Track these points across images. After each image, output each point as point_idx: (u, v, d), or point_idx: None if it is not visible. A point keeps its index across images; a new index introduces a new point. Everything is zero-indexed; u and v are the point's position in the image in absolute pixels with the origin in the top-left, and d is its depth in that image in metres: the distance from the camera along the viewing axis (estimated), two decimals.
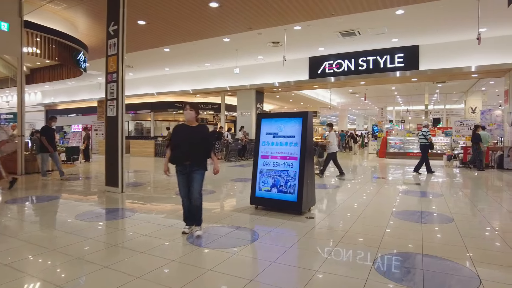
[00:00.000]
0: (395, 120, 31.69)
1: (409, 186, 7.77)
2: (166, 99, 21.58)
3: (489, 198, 6.50)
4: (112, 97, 6.67)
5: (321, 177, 9.01)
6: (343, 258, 3.24)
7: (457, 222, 4.44)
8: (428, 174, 10.05)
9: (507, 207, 5.44)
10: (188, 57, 15.98)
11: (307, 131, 4.66)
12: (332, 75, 14.93)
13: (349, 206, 5.50)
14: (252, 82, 17.01)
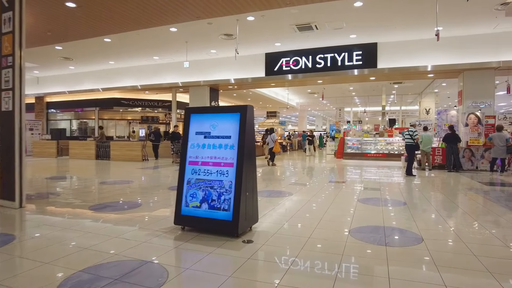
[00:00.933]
0: (353, 121, 31.92)
1: (368, 191, 7.05)
2: (112, 95, 19.72)
3: (456, 204, 5.91)
4: (7, 86, 5.24)
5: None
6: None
7: (427, 243, 3.65)
8: (407, 177, 9.52)
9: (475, 215, 4.83)
10: (133, 50, 14.47)
11: (246, 130, 3.65)
12: (289, 73, 14.16)
13: (299, 222, 4.55)
14: (206, 78, 15.83)
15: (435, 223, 4.59)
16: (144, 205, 5.58)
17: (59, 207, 5.43)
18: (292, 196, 6.39)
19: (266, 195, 6.40)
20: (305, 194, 6.74)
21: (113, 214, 4.86)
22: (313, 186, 7.86)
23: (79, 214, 4.92)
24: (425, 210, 5.41)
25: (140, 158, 15.03)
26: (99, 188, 7.43)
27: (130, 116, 21.24)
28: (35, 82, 21.23)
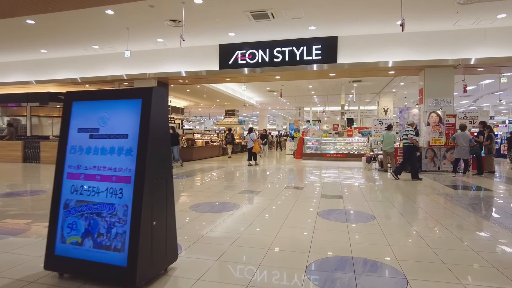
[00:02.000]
0: (312, 121, 31.54)
1: (329, 201, 6.04)
2: (47, 89, 17.40)
3: (429, 215, 5.04)
4: None
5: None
6: None
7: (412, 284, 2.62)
8: (392, 178, 8.82)
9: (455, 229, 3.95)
10: (66, 36, 12.55)
11: (150, 125, 2.38)
12: (246, 66, 13.00)
13: (237, 256, 3.31)
14: (153, 70, 14.23)
15: (413, 247, 3.61)
16: (26, 231, 4.08)
17: None
18: (238, 210, 5.19)
19: (205, 210, 5.17)
20: (255, 206, 5.59)
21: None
22: (267, 194, 6.73)
23: None
24: (399, 225, 4.46)
25: None
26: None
27: None
28: None
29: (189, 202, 5.78)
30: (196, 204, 5.59)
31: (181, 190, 7.26)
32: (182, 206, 5.40)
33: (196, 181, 8.79)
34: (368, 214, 5.00)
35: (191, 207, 5.34)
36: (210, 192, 6.84)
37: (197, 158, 15.58)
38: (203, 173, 10.77)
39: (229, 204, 5.59)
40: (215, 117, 37.68)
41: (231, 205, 5.50)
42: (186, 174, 10.29)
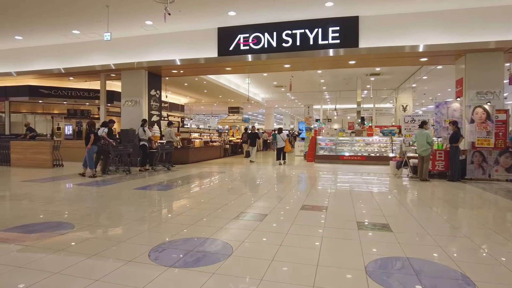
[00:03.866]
0: (322, 119, 29.41)
1: (375, 236, 4.00)
2: (27, 82, 15.56)
3: None
4: None
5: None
6: None
7: None
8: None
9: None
10: (39, 18, 10.65)
11: None
12: (249, 53, 10.97)
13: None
14: (141, 58, 12.25)
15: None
16: None
17: None
18: (229, 260, 3.15)
19: (171, 261, 3.12)
20: (256, 250, 3.53)
21: None
22: (275, 221, 4.68)
23: None
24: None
25: (49, 164, 11.22)
26: None
27: (56, 109, 17.12)
28: None
29: (152, 239, 3.80)
30: (161, 244, 3.58)
31: (151, 212, 5.25)
32: (138, 249, 3.39)
33: (178, 196, 6.78)
34: (452, 271, 2.93)
35: (152, 251, 3.33)
36: (192, 216, 4.83)
37: (194, 160, 13.60)
38: (192, 182, 8.76)
39: (215, 245, 3.55)
40: (219, 116, 35.70)
41: (218, 248, 3.45)
42: (171, 183, 8.30)
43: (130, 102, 12.85)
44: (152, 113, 13.21)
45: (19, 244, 3.54)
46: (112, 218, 4.85)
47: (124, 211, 5.23)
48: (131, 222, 4.47)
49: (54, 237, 3.77)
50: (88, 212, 5.06)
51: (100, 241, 3.68)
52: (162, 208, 5.48)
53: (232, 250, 3.38)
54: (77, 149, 13.48)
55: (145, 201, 6.08)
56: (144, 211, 5.17)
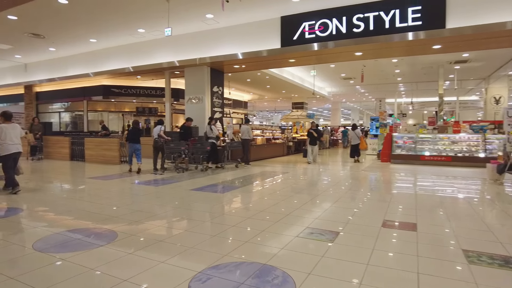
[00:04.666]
0: (397, 114, 26.91)
1: (496, 273, 2.89)
2: (101, 82, 16.47)
3: None
4: None
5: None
6: None
7: None
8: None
9: None
10: (106, 18, 10.94)
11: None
12: (315, 41, 9.97)
13: None
14: (203, 54, 11.98)
15: None
16: None
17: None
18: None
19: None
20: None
21: None
22: (350, 244, 3.73)
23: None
24: None
25: (117, 160, 11.54)
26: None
27: (127, 108, 17.95)
28: (23, 69, 18.51)
29: (194, 261, 3.15)
30: (205, 269, 2.91)
31: (201, 221, 4.66)
32: (175, 276, 2.77)
33: (235, 201, 6.16)
34: None
35: (193, 281, 2.68)
36: (247, 230, 4.13)
37: (256, 158, 13.02)
38: (252, 184, 8.11)
39: (272, 276, 2.78)
40: (282, 112, 34.93)
41: (277, 281, 2.68)
42: (229, 184, 7.74)
43: (194, 99, 12.70)
44: (215, 110, 12.93)
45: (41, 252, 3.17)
46: (153, 227, 4.37)
47: (171, 218, 4.75)
48: (175, 236, 3.92)
49: (80, 252, 3.35)
50: (131, 219, 4.66)
51: (134, 258, 3.15)
52: (214, 217, 4.88)
53: (295, 286, 2.57)
54: (143, 145, 13.83)
55: (198, 206, 5.56)
56: (193, 220, 4.62)
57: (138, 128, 10.33)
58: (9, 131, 6.41)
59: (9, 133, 6.39)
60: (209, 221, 4.54)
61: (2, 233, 4.00)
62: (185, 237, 3.80)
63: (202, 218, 4.77)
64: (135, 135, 9.75)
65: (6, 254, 3.28)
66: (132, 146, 9.69)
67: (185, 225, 4.36)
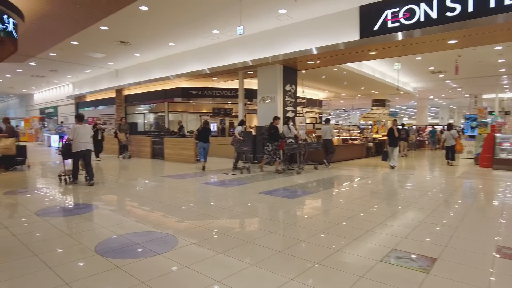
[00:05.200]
0: (498, 112, 23.27)
1: None
2: (180, 84, 17.25)
3: None
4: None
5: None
6: None
7: None
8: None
9: None
10: (182, 21, 11.27)
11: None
12: (399, 30, 8.86)
13: None
14: (276, 51, 11.61)
15: None
16: None
17: None
18: None
19: None
20: None
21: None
22: (450, 279, 2.95)
23: None
24: None
25: (192, 159, 11.83)
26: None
27: (204, 109, 18.56)
28: (115, 74, 20.44)
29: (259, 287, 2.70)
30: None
31: (257, 237, 4.20)
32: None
33: (302, 210, 5.62)
34: None
35: None
36: (313, 250, 3.56)
37: (330, 160, 12.20)
38: (324, 190, 7.45)
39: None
40: (361, 110, 32.96)
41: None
42: (300, 189, 7.19)
43: (266, 98, 12.44)
44: (287, 109, 12.48)
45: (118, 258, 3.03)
46: (209, 236, 4.05)
47: (229, 226, 4.41)
48: (231, 250, 3.54)
49: (144, 259, 3.16)
50: (192, 222, 4.43)
51: (190, 273, 2.85)
52: (279, 228, 4.40)
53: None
54: (218, 145, 14.05)
55: (262, 213, 5.17)
56: (254, 230, 4.22)
57: (208, 128, 10.65)
58: (81, 131, 7.25)
59: (80, 132, 7.23)
60: (273, 233, 4.08)
61: (72, 231, 4.10)
62: (242, 252, 3.41)
63: (265, 227, 4.34)
64: (204, 135, 10.21)
65: (68, 256, 3.26)
66: (201, 145, 10.17)
67: (243, 235, 3.97)
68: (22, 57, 16.73)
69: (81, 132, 7.24)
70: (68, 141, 7.34)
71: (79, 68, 19.70)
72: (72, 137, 7.23)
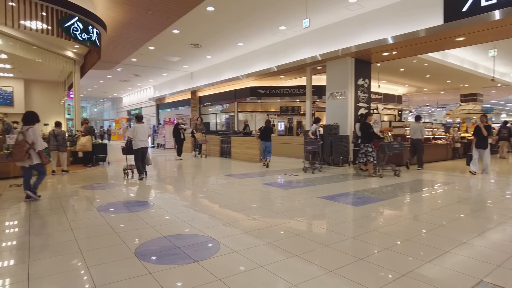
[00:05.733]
0: None
1: None
2: (248, 84, 17.30)
3: None
4: None
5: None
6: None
7: None
8: None
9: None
10: (248, 19, 11.18)
11: None
12: (496, 8, 7.47)
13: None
14: (346, 44, 10.83)
15: None
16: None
17: None
18: None
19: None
20: None
21: None
22: None
23: None
24: None
25: (257, 158, 11.67)
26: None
27: (272, 108, 18.38)
28: (190, 77, 21.44)
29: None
30: None
31: (303, 250, 3.70)
32: None
33: (368, 222, 4.92)
34: None
35: None
36: (373, 267, 2.97)
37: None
38: (398, 197, 6.57)
39: None
40: (447, 106, 29.53)
41: None
42: (368, 195, 6.44)
43: (335, 94, 11.70)
44: (359, 106, 11.58)
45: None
46: (253, 245, 3.67)
47: (279, 232, 3.98)
48: (275, 263, 3.13)
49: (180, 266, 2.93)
50: (241, 227, 4.11)
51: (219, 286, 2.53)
52: (336, 240, 3.85)
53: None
54: (284, 144, 13.71)
55: (322, 219, 4.63)
56: (306, 242, 3.74)
57: (269, 127, 10.78)
58: (139, 130, 7.92)
59: (139, 131, 7.90)
60: (326, 246, 3.55)
61: (122, 229, 4.11)
62: (316, 256, 2.99)
63: (321, 239, 3.84)
64: (266, 134, 10.43)
65: (109, 256, 3.22)
66: (263, 143, 10.39)
67: (291, 246, 3.50)
68: (110, 64, 18.50)
69: (139, 131, 7.89)
70: (129, 139, 8.06)
71: (158, 71, 21.12)
72: (131, 136, 7.91)
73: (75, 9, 8.99)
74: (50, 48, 10.85)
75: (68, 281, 2.66)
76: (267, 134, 10.38)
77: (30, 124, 5.61)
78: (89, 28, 9.55)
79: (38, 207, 5.14)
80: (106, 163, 11.15)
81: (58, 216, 4.65)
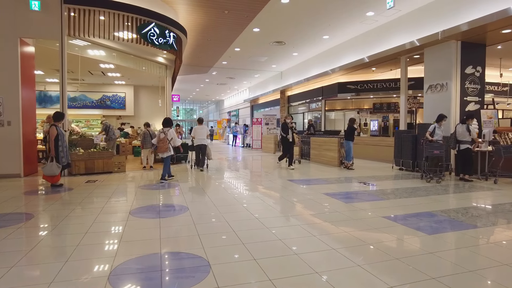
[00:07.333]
0: None
1: None
2: (337, 80, 15.91)
3: None
4: None
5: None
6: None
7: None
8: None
9: None
10: (330, 7, 10.09)
11: None
12: None
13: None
14: (448, 24, 8.79)
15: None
16: None
17: None
18: None
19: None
20: None
21: None
22: None
23: None
24: None
25: (336, 162, 10.43)
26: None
27: (365, 105, 16.58)
28: (279, 76, 21.08)
29: None
30: None
31: None
32: None
33: (442, 250, 3.49)
34: None
35: None
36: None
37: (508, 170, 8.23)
38: (487, 219, 4.74)
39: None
40: None
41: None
42: (456, 216, 4.79)
43: (434, 87, 9.69)
44: (468, 100, 9.31)
45: None
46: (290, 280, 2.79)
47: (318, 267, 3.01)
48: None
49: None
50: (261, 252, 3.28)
51: None
52: (401, 283, 2.72)
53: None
54: (376, 146, 12.10)
55: (376, 252, 3.48)
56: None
57: (352, 127, 9.81)
58: (198, 131, 9.40)
59: (198, 132, 9.39)
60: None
61: (139, 237, 3.77)
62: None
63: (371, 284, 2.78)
64: (349, 134, 9.82)
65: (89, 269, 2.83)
66: (345, 142, 9.92)
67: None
68: (204, 68, 19.47)
69: (198, 132, 9.37)
70: (193, 138, 9.54)
71: (250, 73, 21.38)
72: (193, 135, 9.52)
73: (152, 15, 9.41)
74: (145, 56, 11.69)
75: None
76: (348, 133, 9.89)
77: (169, 127, 7.51)
78: (165, 32, 9.90)
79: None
80: (186, 163, 11.52)
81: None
